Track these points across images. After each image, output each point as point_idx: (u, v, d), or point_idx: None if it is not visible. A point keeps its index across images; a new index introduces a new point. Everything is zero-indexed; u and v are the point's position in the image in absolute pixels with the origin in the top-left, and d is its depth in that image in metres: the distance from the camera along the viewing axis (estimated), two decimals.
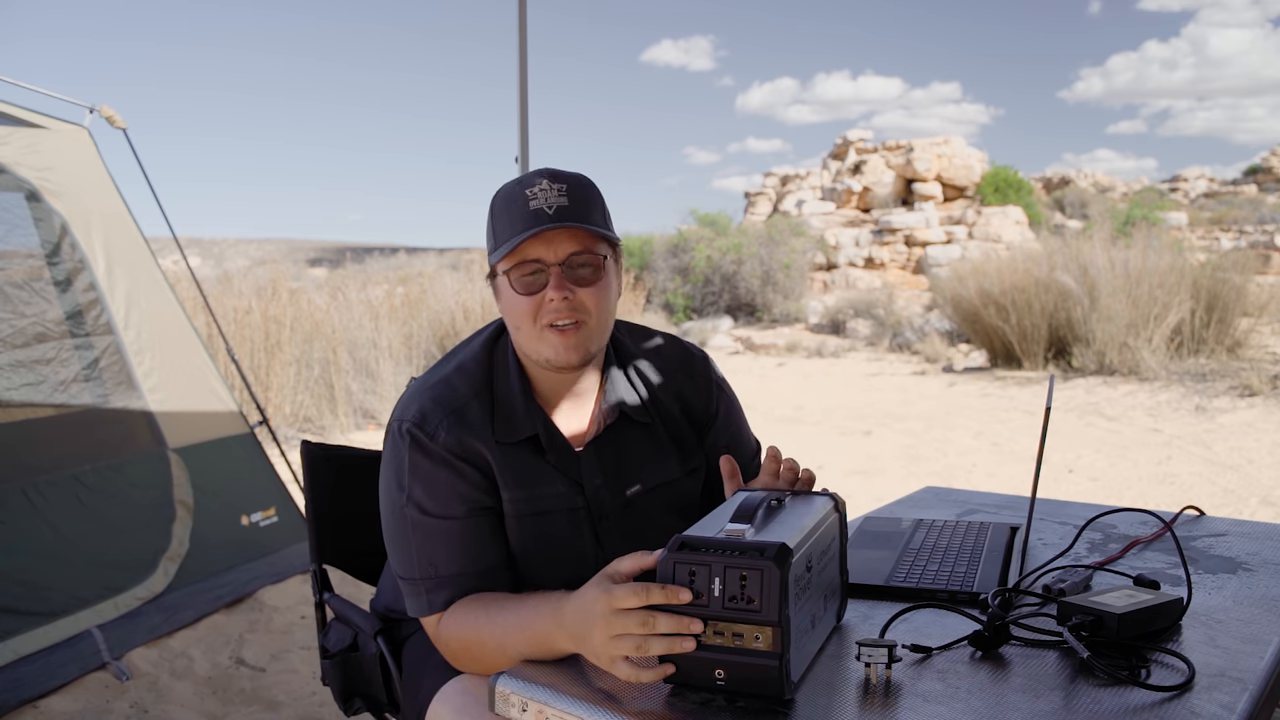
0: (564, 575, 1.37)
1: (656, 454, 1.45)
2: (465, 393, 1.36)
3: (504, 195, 1.35)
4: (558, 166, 1.37)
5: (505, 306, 1.36)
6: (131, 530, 3.34)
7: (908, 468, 5.93)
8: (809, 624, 1.09)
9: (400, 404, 1.38)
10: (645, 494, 1.44)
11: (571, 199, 1.31)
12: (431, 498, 1.32)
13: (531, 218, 1.30)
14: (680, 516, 1.48)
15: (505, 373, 1.39)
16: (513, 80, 3.71)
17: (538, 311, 1.32)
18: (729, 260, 15.67)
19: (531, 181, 1.32)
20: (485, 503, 1.33)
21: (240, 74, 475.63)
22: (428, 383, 1.38)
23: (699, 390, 1.51)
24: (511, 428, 1.35)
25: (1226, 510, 4.68)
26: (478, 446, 1.32)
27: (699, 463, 1.50)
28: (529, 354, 1.36)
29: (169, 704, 2.79)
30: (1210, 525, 1.69)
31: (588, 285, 1.33)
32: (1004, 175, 21.32)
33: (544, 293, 1.31)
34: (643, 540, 1.41)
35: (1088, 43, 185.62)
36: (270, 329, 6.81)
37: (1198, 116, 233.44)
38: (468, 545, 1.32)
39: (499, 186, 1.38)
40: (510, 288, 1.33)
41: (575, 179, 1.34)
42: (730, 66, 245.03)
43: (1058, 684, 1.06)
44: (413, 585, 1.33)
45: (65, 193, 3.51)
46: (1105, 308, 8.89)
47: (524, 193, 1.31)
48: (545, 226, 1.29)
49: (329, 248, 43.02)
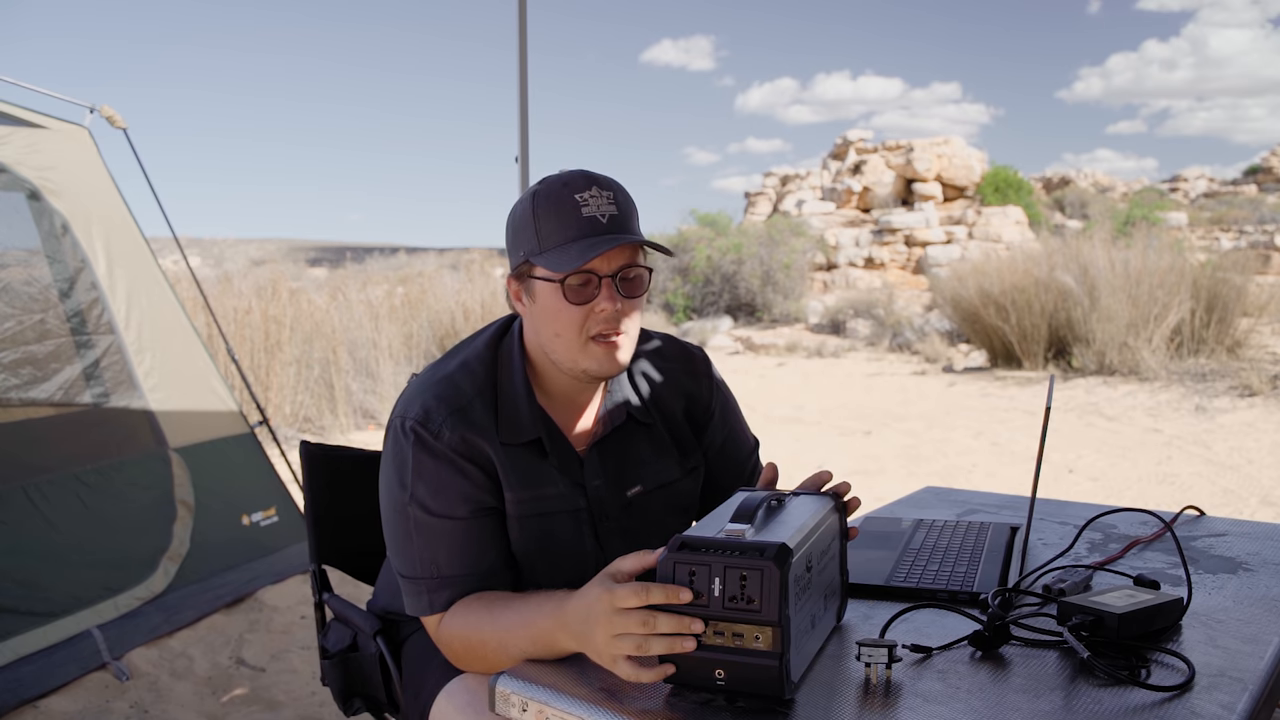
0: (565, 576, 1.37)
1: (657, 455, 1.45)
2: (469, 391, 1.34)
3: (548, 196, 1.29)
4: (548, 167, 1.36)
5: (545, 313, 1.32)
6: (132, 530, 3.34)
7: (908, 468, 5.93)
8: (809, 624, 1.09)
9: (402, 400, 1.37)
10: (645, 495, 1.44)
11: (620, 208, 1.30)
12: (435, 497, 1.31)
13: (586, 225, 1.27)
14: (680, 516, 1.49)
15: (510, 373, 1.38)
16: (513, 80, 3.72)
17: (584, 322, 1.30)
18: (729, 260, 15.66)
19: (577, 185, 1.29)
20: (489, 503, 1.33)
21: (240, 74, 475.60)
22: (431, 379, 1.36)
23: (700, 389, 1.51)
24: (516, 429, 1.34)
25: (1226, 510, 4.68)
26: (482, 446, 1.31)
27: (697, 462, 1.50)
28: (563, 363, 1.34)
29: (169, 704, 2.79)
30: (1210, 525, 1.69)
31: (634, 297, 1.33)
32: (1004, 175, 21.32)
33: (593, 303, 1.29)
34: (643, 540, 1.42)
35: (1087, 43, 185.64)
36: (270, 329, 6.81)
37: (1197, 116, 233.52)
38: (471, 546, 1.31)
39: (531, 186, 1.34)
40: (561, 296, 1.29)
41: (617, 185, 1.33)
42: (730, 66, 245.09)
43: (1058, 684, 1.06)
44: (414, 584, 1.32)
45: (66, 192, 3.51)
46: (1105, 308, 8.89)
47: (573, 197, 1.28)
48: (609, 239, 1.27)
49: (329, 248, 43.01)
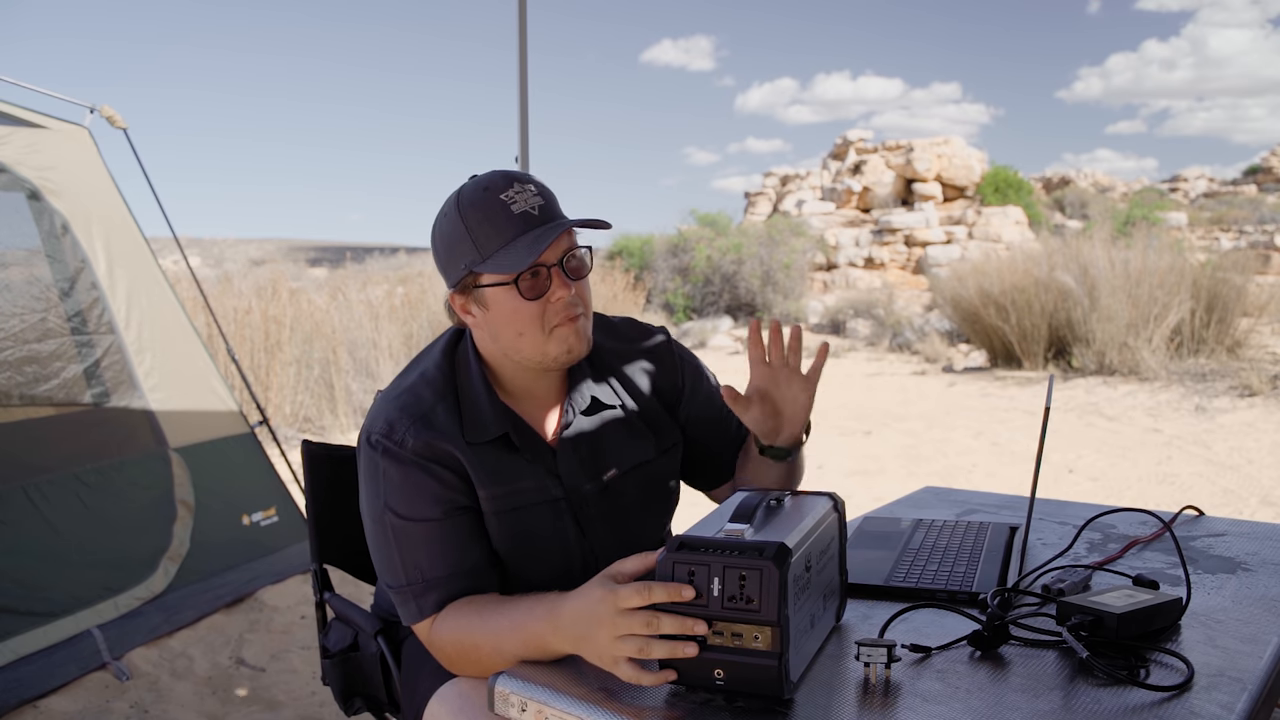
0: (550, 568, 1.39)
1: (628, 437, 1.47)
2: (430, 399, 1.36)
3: (474, 204, 1.30)
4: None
5: (502, 316, 1.33)
6: (132, 530, 3.34)
7: (908, 468, 5.93)
8: (808, 624, 1.09)
9: (368, 418, 1.39)
10: (621, 477, 1.45)
11: (544, 198, 1.33)
12: (407, 502, 1.32)
13: (521, 222, 1.29)
14: (658, 496, 1.50)
15: (468, 375, 1.40)
16: (513, 80, 3.71)
17: (544, 314, 1.32)
18: (729, 260, 15.67)
19: (499, 186, 1.31)
20: (461, 502, 1.34)
21: (240, 74, 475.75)
22: (393, 394, 1.39)
23: (663, 368, 1.53)
24: (480, 428, 1.36)
25: (1226, 510, 4.68)
26: (447, 448, 1.33)
27: (674, 440, 1.52)
28: (531, 359, 1.36)
29: (169, 704, 2.79)
30: (1210, 525, 1.69)
31: (582, 278, 1.36)
32: (1004, 175, 21.32)
33: (549, 294, 1.32)
34: (625, 523, 1.45)
35: (1087, 43, 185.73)
36: (270, 329, 6.82)
37: (1197, 116, 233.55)
38: (450, 546, 1.32)
39: (449, 200, 1.34)
40: (517, 295, 1.31)
41: (531, 176, 1.35)
42: (730, 66, 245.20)
43: (1057, 684, 1.06)
44: (401, 594, 1.33)
45: (66, 192, 3.52)
46: (1105, 308, 8.89)
47: (499, 199, 1.30)
48: (550, 229, 1.29)
49: (329, 248, 42.97)
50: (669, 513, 1.55)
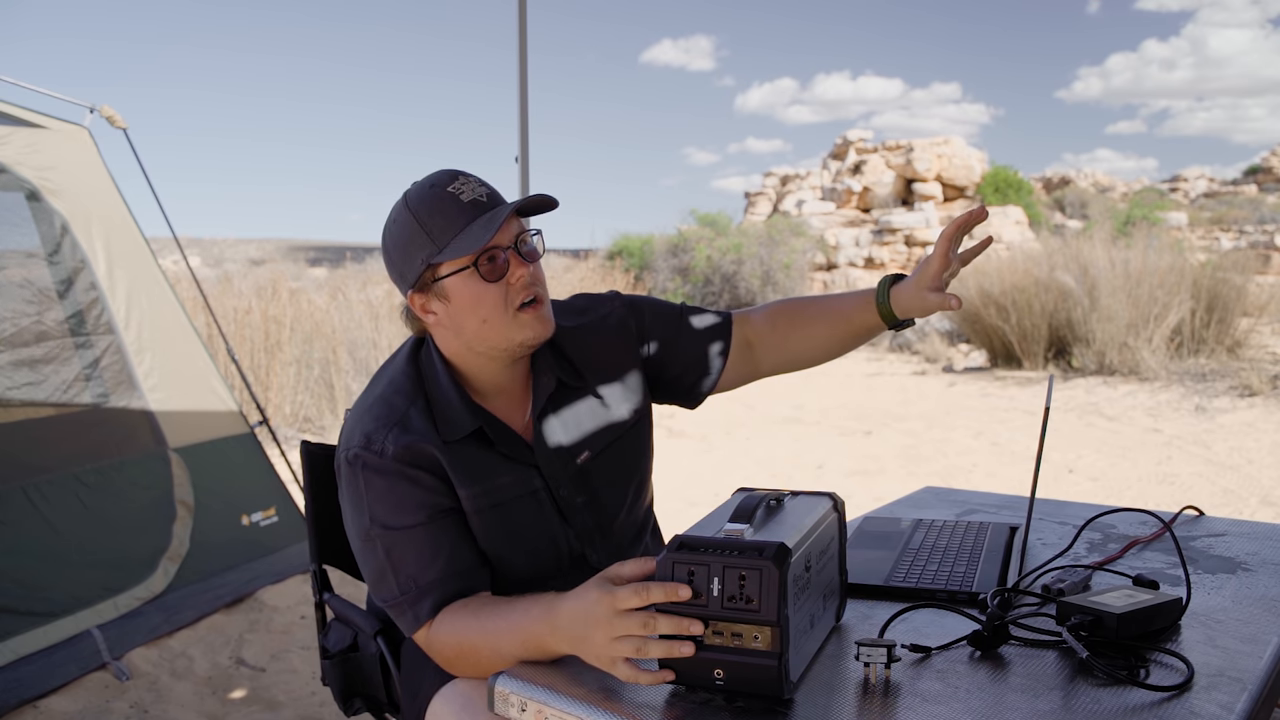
0: (539, 560, 1.40)
1: (598, 414, 1.48)
2: (402, 404, 1.37)
3: (424, 201, 1.33)
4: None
5: (465, 304, 1.34)
6: (132, 530, 3.34)
7: (908, 468, 5.93)
8: (808, 624, 1.09)
9: (344, 435, 1.39)
10: (595, 458, 1.47)
11: (489, 187, 1.36)
12: (393, 511, 1.32)
13: (472, 209, 1.32)
14: (632, 474, 1.52)
15: (435, 376, 1.40)
16: (513, 80, 3.71)
17: (506, 296, 1.34)
18: (729, 260, 15.67)
19: (444, 181, 1.34)
20: (445, 504, 1.34)
21: (240, 74, 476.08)
22: (364, 408, 1.40)
23: (624, 331, 1.54)
24: (454, 425, 1.36)
25: (1226, 510, 4.68)
26: (426, 449, 1.33)
27: (644, 407, 1.53)
28: (497, 345, 1.36)
29: (169, 704, 2.79)
30: (1210, 525, 1.69)
31: (536, 260, 1.38)
32: (1004, 175, 21.34)
33: (508, 275, 1.34)
34: (601, 506, 1.46)
35: (1087, 43, 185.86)
36: (270, 329, 6.82)
37: (1197, 116, 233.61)
38: (439, 550, 1.32)
39: (395, 207, 1.37)
40: (478, 279, 1.33)
41: (471, 173, 1.38)
42: (730, 66, 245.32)
43: (1057, 684, 1.06)
44: (397, 605, 1.33)
45: (66, 192, 3.52)
46: (1105, 308, 8.89)
47: (447, 191, 1.33)
48: (502, 209, 1.31)
49: (329, 248, 42.95)
50: (645, 492, 1.57)
